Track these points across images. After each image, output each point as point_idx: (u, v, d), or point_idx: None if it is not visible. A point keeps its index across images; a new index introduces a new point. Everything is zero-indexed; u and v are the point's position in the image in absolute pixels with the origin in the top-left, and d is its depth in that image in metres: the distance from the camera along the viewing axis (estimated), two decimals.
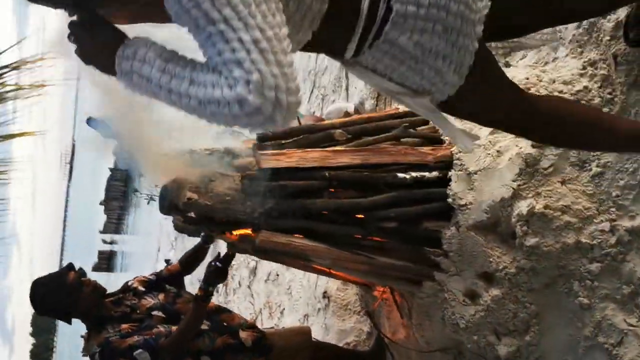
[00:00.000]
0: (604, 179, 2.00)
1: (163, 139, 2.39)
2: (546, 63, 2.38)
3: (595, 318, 1.97)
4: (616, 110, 1.99)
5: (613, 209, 1.96)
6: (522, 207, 2.08)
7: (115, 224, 30.93)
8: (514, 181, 2.12)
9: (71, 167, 47.29)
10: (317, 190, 2.24)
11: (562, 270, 2.04)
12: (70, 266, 2.72)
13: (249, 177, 2.23)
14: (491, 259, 2.17)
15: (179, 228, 2.42)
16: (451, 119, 1.54)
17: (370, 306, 2.89)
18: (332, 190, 2.26)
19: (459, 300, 2.27)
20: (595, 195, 2.01)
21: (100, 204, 29.45)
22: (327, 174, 2.22)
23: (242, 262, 6.08)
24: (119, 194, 28.55)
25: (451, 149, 2.30)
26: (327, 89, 4.63)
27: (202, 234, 2.73)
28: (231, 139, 2.43)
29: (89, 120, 2.79)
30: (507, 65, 2.55)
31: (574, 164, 2.07)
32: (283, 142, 2.32)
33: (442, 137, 2.38)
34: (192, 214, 2.27)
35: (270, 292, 5.22)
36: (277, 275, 5.17)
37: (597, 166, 2.02)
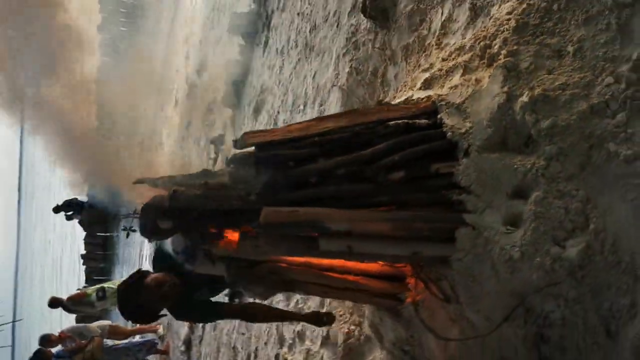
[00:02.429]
0: (584, 50, 2.01)
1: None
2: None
3: None
4: None
5: (608, 65, 1.93)
6: (523, 99, 2.00)
7: None
8: (503, 87, 2.08)
9: None
10: (309, 158, 2.06)
11: (590, 139, 1.89)
12: None
13: (235, 160, 2.03)
14: (515, 167, 1.98)
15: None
16: None
17: (406, 337, 2.40)
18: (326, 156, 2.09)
19: (502, 231, 1.99)
20: (584, 65, 1.99)
21: None
22: (316, 139, 2.08)
23: None
24: None
25: (432, 100, 2.25)
26: None
27: None
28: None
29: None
30: (439, 46, 2.70)
31: (551, 56, 2.09)
32: None
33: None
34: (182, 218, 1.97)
35: None
36: None
37: (572, 45, 2.04)
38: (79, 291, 8.90)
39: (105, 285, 8.50)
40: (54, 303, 8.32)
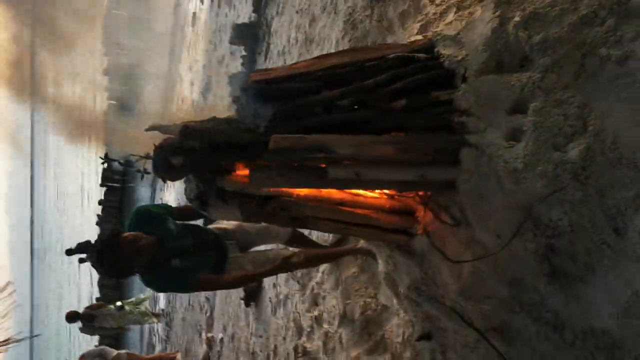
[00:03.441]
0: None
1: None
2: None
3: None
4: None
5: None
6: (515, 19, 2.08)
7: None
8: (495, 13, 2.16)
9: None
10: (314, 91, 2.14)
11: (582, 48, 1.96)
12: None
13: (241, 96, 2.11)
14: (512, 83, 2.05)
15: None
16: None
17: (420, 277, 2.43)
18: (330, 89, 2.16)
19: (504, 146, 2.04)
20: None
21: None
22: (320, 74, 2.16)
23: None
24: None
25: (429, 37, 2.34)
26: None
27: None
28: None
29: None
30: (432, 1, 2.79)
31: None
32: None
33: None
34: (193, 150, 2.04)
35: None
36: None
37: None
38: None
39: (125, 303, 8.56)
40: (72, 317, 8.33)
